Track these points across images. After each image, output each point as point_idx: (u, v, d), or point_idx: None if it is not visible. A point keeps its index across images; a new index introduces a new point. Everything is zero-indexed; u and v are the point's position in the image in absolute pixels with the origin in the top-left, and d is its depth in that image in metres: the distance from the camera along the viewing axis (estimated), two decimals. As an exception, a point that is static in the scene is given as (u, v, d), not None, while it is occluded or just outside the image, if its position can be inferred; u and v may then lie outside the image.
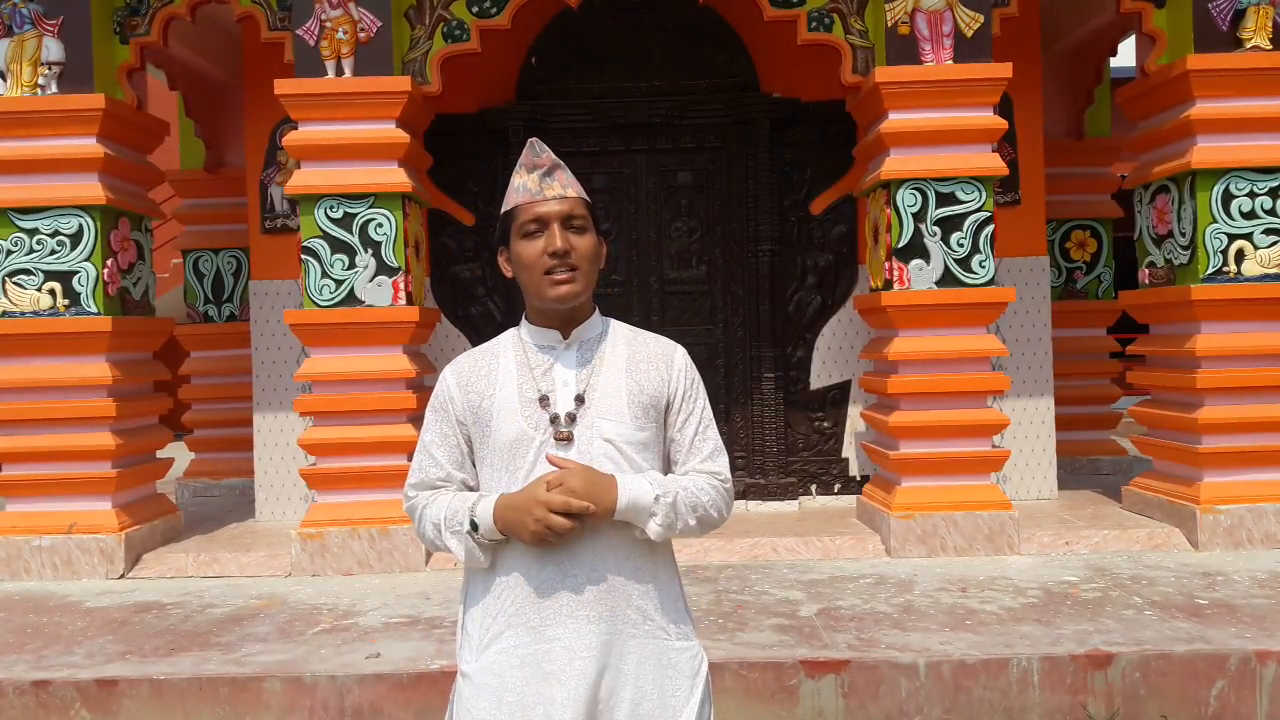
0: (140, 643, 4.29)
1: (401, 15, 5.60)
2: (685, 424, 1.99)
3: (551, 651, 1.84)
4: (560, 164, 1.95)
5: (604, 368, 1.95)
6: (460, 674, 1.94)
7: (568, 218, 1.90)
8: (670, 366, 1.99)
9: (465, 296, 6.72)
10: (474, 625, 1.93)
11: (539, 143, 1.96)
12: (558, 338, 1.96)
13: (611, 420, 1.91)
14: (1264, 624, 4.10)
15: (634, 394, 1.93)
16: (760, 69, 6.63)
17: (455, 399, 1.97)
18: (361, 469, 5.47)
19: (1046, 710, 3.77)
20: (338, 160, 5.46)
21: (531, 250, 1.90)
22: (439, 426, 1.98)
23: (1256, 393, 5.42)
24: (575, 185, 1.94)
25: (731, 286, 6.72)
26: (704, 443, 1.99)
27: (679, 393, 1.98)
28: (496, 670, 1.87)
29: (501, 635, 1.88)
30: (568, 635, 1.85)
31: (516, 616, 1.87)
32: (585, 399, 1.92)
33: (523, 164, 1.95)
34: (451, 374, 1.99)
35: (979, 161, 5.43)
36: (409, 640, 4.21)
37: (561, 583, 1.86)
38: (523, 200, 1.92)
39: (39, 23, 5.50)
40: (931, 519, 5.40)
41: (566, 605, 1.86)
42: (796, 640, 4.05)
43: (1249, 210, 5.44)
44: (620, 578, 1.88)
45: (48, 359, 5.49)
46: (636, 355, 1.98)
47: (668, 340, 2.05)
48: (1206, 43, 5.41)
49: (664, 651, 1.91)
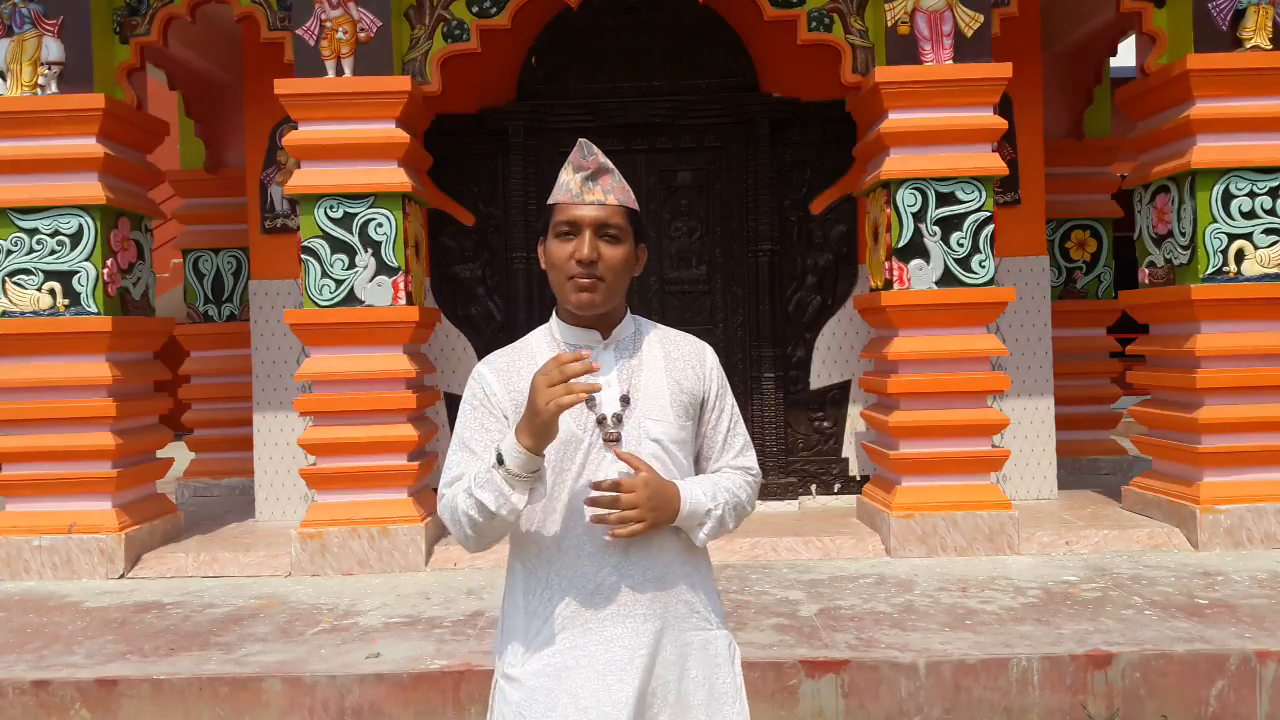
0: (140, 643, 4.29)
1: (401, 15, 5.60)
2: (719, 421, 2.02)
3: (610, 651, 1.86)
4: (609, 168, 1.92)
5: (644, 368, 1.96)
6: (505, 678, 1.92)
7: (602, 225, 1.88)
8: (704, 365, 2.01)
9: (465, 296, 6.72)
10: (520, 629, 1.92)
11: (588, 144, 1.93)
12: (597, 338, 1.96)
13: (657, 420, 1.92)
14: (1264, 624, 4.10)
15: (675, 393, 1.95)
16: (760, 69, 6.63)
17: (497, 393, 1.93)
18: (361, 469, 5.47)
19: (1046, 710, 3.77)
20: (338, 160, 5.46)
21: (561, 252, 1.89)
22: (479, 421, 1.93)
23: (1256, 393, 5.42)
24: (619, 192, 1.91)
25: (731, 286, 6.72)
26: (735, 439, 2.04)
27: (713, 391, 2.01)
28: (551, 672, 1.86)
29: (555, 638, 1.88)
30: (626, 635, 1.86)
31: (572, 619, 1.87)
32: (630, 399, 1.92)
33: (570, 162, 1.93)
34: (490, 370, 1.97)
35: (979, 161, 5.43)
36: (409, 640, 4.21)
37: (618, 585, 1.87)
38: (562, 199, 1.91)
39: (39, 23, 5.50)
40: (931, 519, 5.40)
41: (624, 605, 1.87)
42: (796, 640, 4.05)
43: (1249, 210, 5.44)
44: (671, 575, 1.91)
45: (48, 359, 5.49)
46: (672, 354, 2.00)
47: (696, 339, 2.07)
48: (1206, 42, 5.41)
49: (709, 641, 1.95)
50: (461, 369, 6.66)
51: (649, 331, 2.03)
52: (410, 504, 5.50)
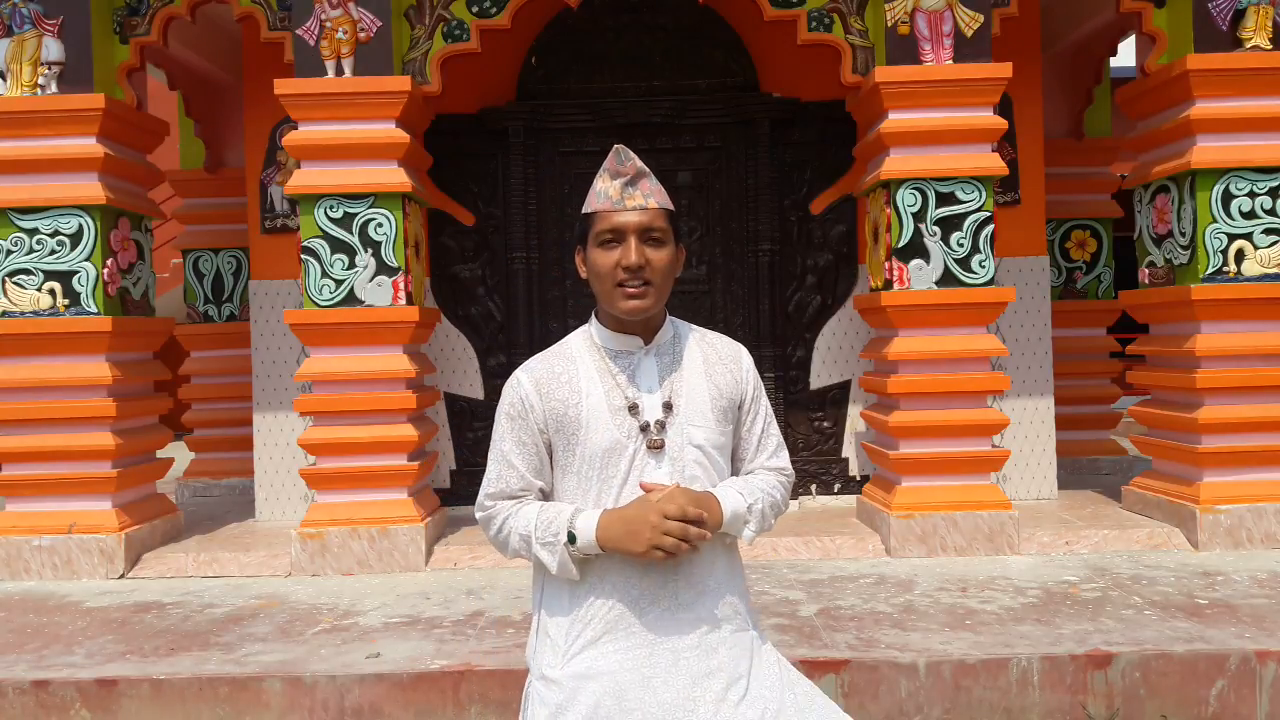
0: (140, 643, 4.29)
1: (401, 15, 5.60)
2: (754, 423, 2.04)
3: (654, 654, 1.87)
4: (646, 172, 1.93)
5: (685, 373, 1.97)
6: (543, 679, 1.93)
7: (646, 230, 1.89)
8: (740, 368, 2.03)
9: (465, 296, 6.72)
10: (561, 630, 1.92)
11: (625, 150, 1.93)
12: (639, 344, 1.97)
13: (699, 426, 1.93)
14: (1264, 624, 4.10)
15: (715, 398, 1.97)
16: (760, 69, 6.63)
17: (535, 406, 1.93)
18: (361, 469, 5.47)
19: (1046, 710, 3.77)
20: (338, 160, 5.46)
21: (606, 260, 1.89)
22: (516, 434, 1.95)
23: (1256, 393, 5.42)
24: (658, 195, 1.92)
25: (731, 286, 6.72)
26: (769, 440, 2.06)
27: (749, 393, 2.03)
28: (593, 674, 1.87)
29: (599, 640, 1.88)
30: (671, 638, 1.88)
31: (617, 622, 1.88)
32: (673, 406, 1.93)
33: (606, 169, 1.92)
34: (528, 379, 1.95)
35: (979, 161, 5.43)
36: (409, 640, 4.21)
37: (662, 589, 1.89)
38: (602, 207, 1.90)
39: (39, 23, 5.50)
40: (931, 519, 5.40)
41: (669, 609, 1.89)
42: (796, 640, 4.05)
43: (1249, 210, 5.44)
44: (714, 579, 1.94)
45: (48, 359, 5.49)
46: (710, 358, 2.01)
47: (733, 341, 2.08)
48: (1206, 42, 5.41)
49: (750, 641, 1.97)
50: (461, 369, 6.67)
51: (687, 334, 2.03)
52: (410, 504, 5.50)
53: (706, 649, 1.89)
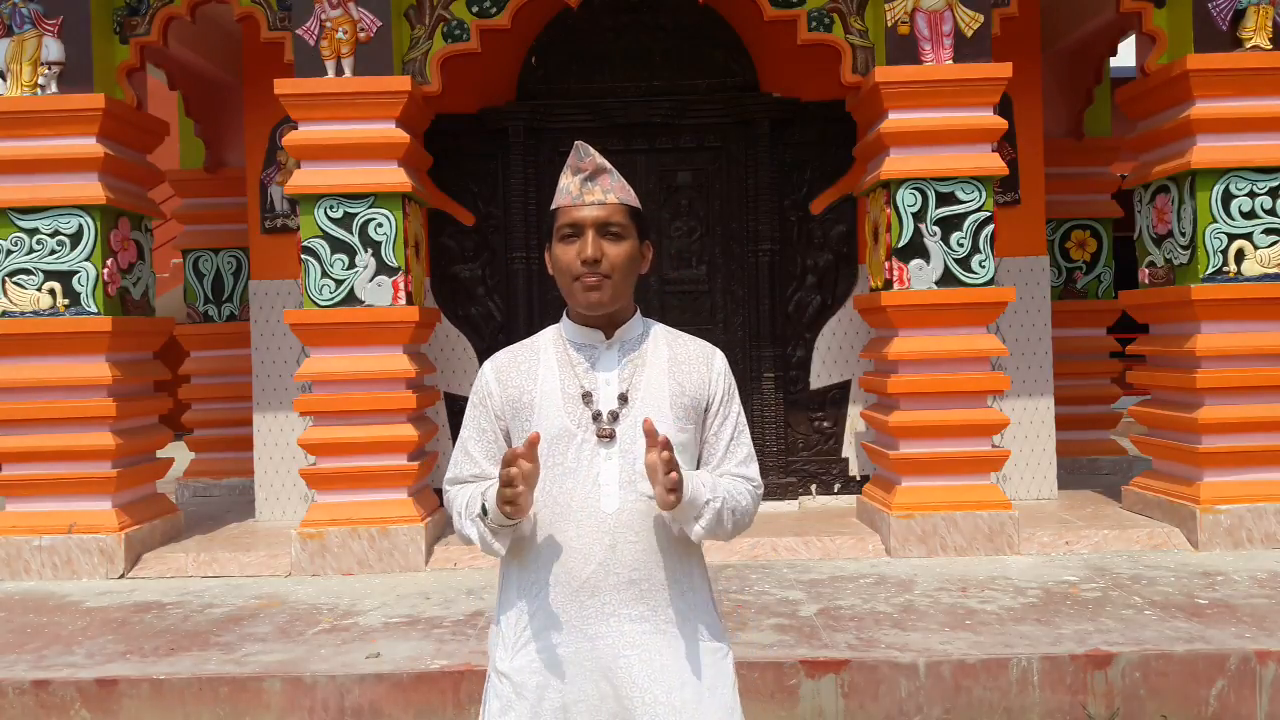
0: (140, 643, 4.29)
1: (401, 15, 5.60)
2: (722, 427, 2.01)
3: (595, 649, 1.86)
4: (606, 168, 1.94)
5: (646, 368, 1.96)
6: (495, 672, 1.94)
7: (604, 224, 1.90)
8: (710, 369, 2.01)
9: (465, 296, 6.72)
10: (510, 624, 1.93)
11: (585, 146, 1.96)
12: (600, 337, 1.97)
13: (656, 420, 1.89)
14: (1264, 624, 4.10)
15: (676, 395, 1.95)
16: (760, 69, 6.63)
17: (494, 393, 1.97)
18: (361, 469, 5.47)
19: (1046, 710, 3.77)
20: (338, 160, 5.46)
21: (566, 254, 1.91)
22: (476, 422, 2.00)
23: (1256, 393, 5.42)
24: (619, 190, 1.93)
25: (731, 286, 6.72)
26: (739, 447, 2.02)
27: (718, 396, 2.00)
28: (536, 668, 1.87)
29: (541, 634, 1.88)
30: (610, 634, 1.86)
31: (558, 615, 1.88)
32: (629, 398, 1.92)
33: (568, 166, 1.95)
34: (490, 368, 2.00)
35: (979, 161, 5.43)
36: (409, 640, 4.21)
37: (604, 582, 1.87)
38: (563, 203, 1.93)
39: (39, 22, 5.50)
40: (931, 519, 5.40)
41: (610, 603, 1.87)
42: (796, 640, 4.05)
43: (1249, 210, 5.44)
44: (660, 578, 1.90)
45: (48, 359, 5.49)
46: (678, 356, 2.00)
47: (707, 343, 2.06)
48: (1206, 42, 5.41)
49: (700, 651, 1.93)
50: (461, 369, 6.66)
51: (658, 333, 2.03)
52: (410, 504, 5.50)
53: (649, 651, 1.86)
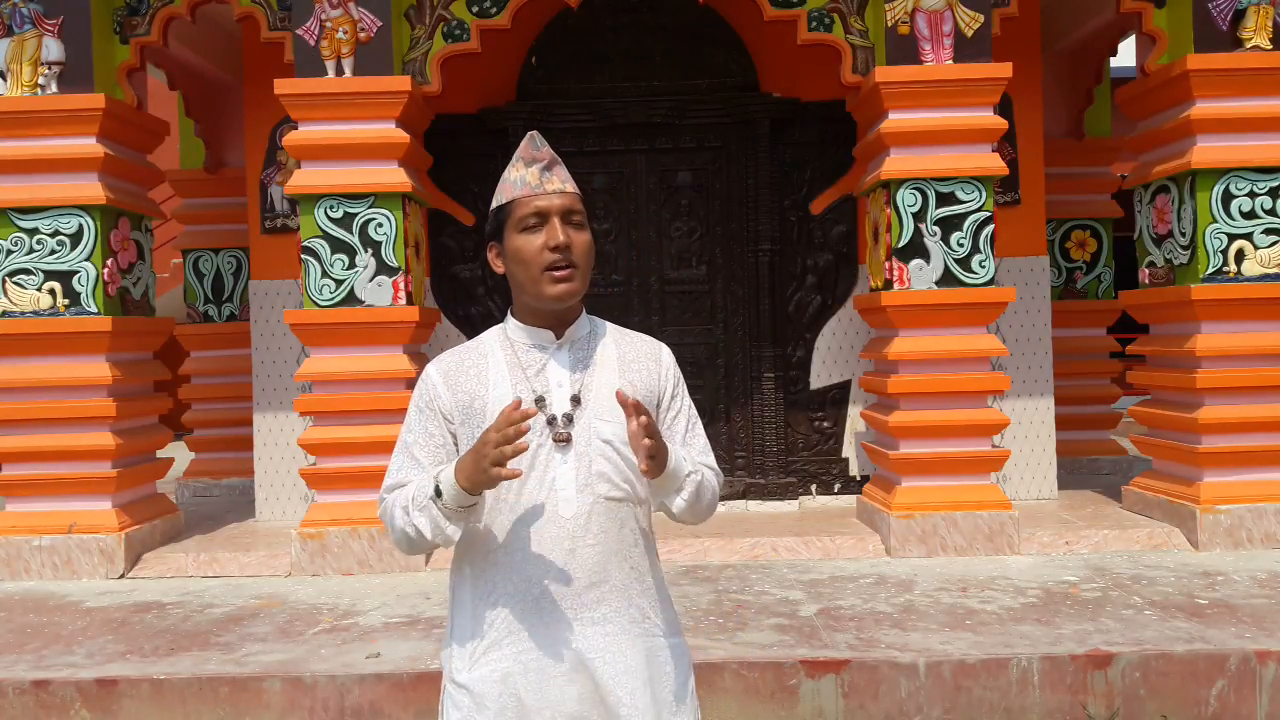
0: (140, 643, 4.29)
1: (401, 15, 5.60)
2: (675, 420, 2.00)
3: (559, 654, 1.83)
4: (558, 159, 1.93)
5: (597, 368, 1.93)
6: (452, 683, 1.91)
7: (568, 212, 1.88)
8: (659, 364, 2.00)
9: (465, 296, 6.72)
10: (466, 632, 1.90)
11: (539, 136, 1.94)
12: (550, 338, 1.94)
13: (608, 421, 1.89)
14: (1264, 624, 4.10)
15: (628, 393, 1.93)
16: (760, 69, 6.63)
17: (442, 396, 1.91)
18: (361, 469, 5.46)
19: (1046, 710, 3.77)
20: (338, 160, 5.46)
21: (531, 245, 1.86)
22: (423, 425, 1.92)
23: (1256, 393, 5.42)
24: (572, 181, 1.93)
25: (731, 286, 6.71)
26: (695, 438, 2.01)
27: (669, 390, 1.99)
28: (497, 677, 1.84)
29: (502, 642, 1.85)
30: (574, 638, 1.84)
31: (519, 624, 1.85)
32: (581, 399, 1.90)
33: (520, 157, 1.92)
34: (436, 371, 1.94)
35: (979, 161, 5.43)
36: (409, 640, 4.21)
37: (564, 587, 1.84)
38: (522, 194, 1.89)
39: (39, 22, 5.50)
40: (931, 519, 5.40)
41: (571, 608, 1.85)
42: (796, 640, 4.05)
43: (1249, 210, 5.43)
44: (621, 578, 1.88)
45: (48, 359, 5.49)
46: (626, 355, 1.98)
47: (652, 339, 2.05)
48: (1206, 43, 5.41)
49: (660, 649, 1.92)
50: (461, 369, 6.65)
51: (604, 331, 2.00)
52: (410, 504, 5.49)
53: (613, 653, 1.85)
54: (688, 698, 1.95)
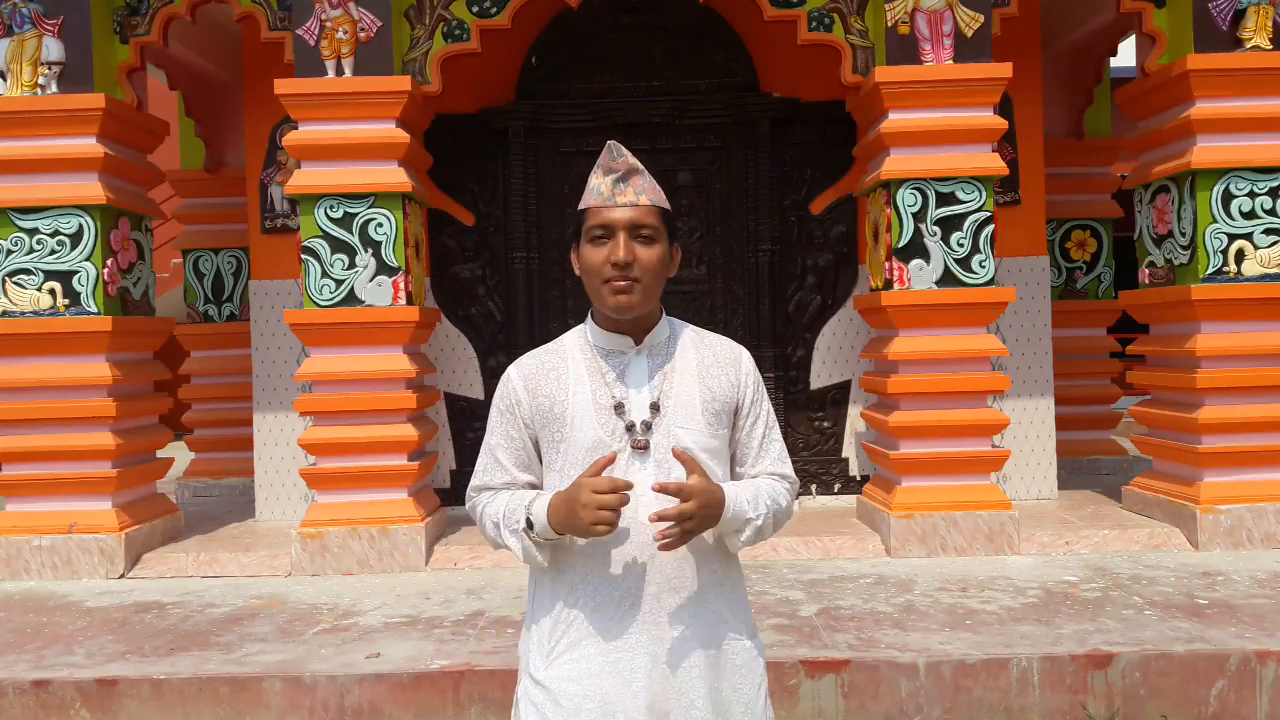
0: (140, 642, 4.29)
1: (401, 15, 5.60)
2: (754, 427, 1.99)
3: (634, 658, 1.84)
4: (639, 169, 1.91)
5: (676, 374, 1.94)
6: (530, 680, 1.92)
7: (636, 227, 1.86)
8: (739, 370, 1.99)
9: (465, 296, 6.72)
10: (545, 631, 1.91)
11: (618, 145, 1.92)
12: (630, 344, 1.94)
13: (687, 429, 1.90)
14: (1264, 624, 4.10)
15: (707, 401, 1.93)
16: (760, 69, 6.63)
17: (522, 401, 1.93)
18: (361, 469, 5.47)
19: (1046, 710, 3.77)
20: (338, 160, 5.46)
21: (595, 257, 1.87)
22: (504, 429, 1.96)
23: (1256, 393, 5.42)
24: (651, 192, 1.90)
25: (731, 286, 6.72)
26: (771, 445, 2.01)
27: (748, 396, 1.99)
28: (575, 676, 1.86)
29: (581, 642, 1.87)
30: (650, 641, 1.85)
31: (597, 624, 1.86)
32: (660, 407, 1.90)
33: (600, 165, 1.91)
34: (518, 375, 1.96)
35: (979, 161, 5.43)
36: (409, 640, 4.21)
37: (643, 589, 1.86)
38: (594, 203, 1.89)
39: (39, 22, 5.50)
40: (931, 519, 5.40)
41: (649, 612, 1.86)
42: (796, 640, 4.05)
43: (1249, 210, 5.44)
44: (699, 582, 1.90)
45: (48, 359, 5.49)
46: (706, 360, 1.97)
47: (733, 342, 2.04)
48: (1206, 43, 5.41)
49: (736, 651, 1.93)
50: (461, 369, 6.67)
51: (684, 335, 2.00)
52: (410, 504, 5.50)
53: (687, 655, 1.86)
54: (761, 700, 1.96)
